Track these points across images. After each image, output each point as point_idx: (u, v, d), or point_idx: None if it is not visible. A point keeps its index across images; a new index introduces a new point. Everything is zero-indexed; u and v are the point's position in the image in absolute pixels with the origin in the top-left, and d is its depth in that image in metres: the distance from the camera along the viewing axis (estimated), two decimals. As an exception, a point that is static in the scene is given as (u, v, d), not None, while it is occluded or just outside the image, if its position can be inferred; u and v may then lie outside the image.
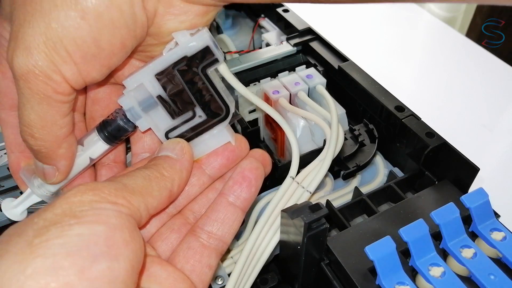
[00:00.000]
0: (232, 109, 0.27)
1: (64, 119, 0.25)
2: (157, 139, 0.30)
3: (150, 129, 0.27)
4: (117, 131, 0.27)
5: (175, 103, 0.26)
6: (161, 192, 0.24)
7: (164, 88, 0.26)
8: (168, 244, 0.27)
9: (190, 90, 0.26)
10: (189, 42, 0.25)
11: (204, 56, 0.25)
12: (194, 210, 0.29)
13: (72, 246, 0.19)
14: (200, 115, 0.27)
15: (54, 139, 0.25)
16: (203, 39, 0.25)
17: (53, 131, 0.24)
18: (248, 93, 0.30)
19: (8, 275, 0.18)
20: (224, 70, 0.27)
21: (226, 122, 0.27)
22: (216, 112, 0.27)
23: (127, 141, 0.32)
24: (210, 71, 0.26)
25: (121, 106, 0.27)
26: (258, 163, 0.28)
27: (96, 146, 0.27)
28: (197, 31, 0.25)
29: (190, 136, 0.27)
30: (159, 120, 0.27)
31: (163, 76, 0.26)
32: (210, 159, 0.28)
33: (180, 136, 0.27)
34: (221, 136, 0.28)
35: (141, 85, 0.26)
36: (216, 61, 0.25)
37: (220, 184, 0.29)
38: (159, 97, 0.26)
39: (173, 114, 0.27)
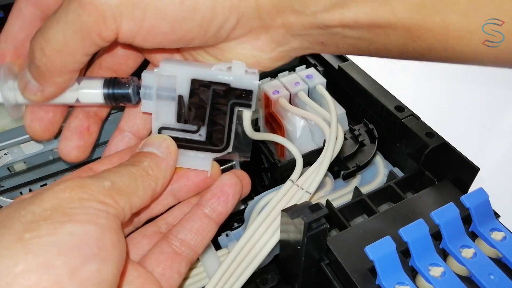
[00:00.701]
0: (230, 149, 0.28)
1: (83, 58, 0.24)
2: (148, 127, 0.30)
3: (149, 114, 0.27)
4: (121, 96, 0.27)
5: (189, 111, 0.27)
6: (146, 192, 0.24)
7: (191, 93, 0.26)
8: (139, 249, 0.27)
9: (210, 111, 0.27)
10: (241, 77, 0.26)
11: (242, 96, 0.26)
12: (167, 221, 0.29)
13: (64, 245, 0.18)
14: (201, 134, 0.27)
15: (61, 67, 0.24)
16: (253, 84, 0.26)
17: (65, 60, 0.23)
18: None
19: None
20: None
21: (216, 155, 0.28)
22: (216, 142, 0.28)
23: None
24: (236, 110, 0.27)
25: (140, 79, 0.27)
26: (237, 179, 0.29)
27: (92, 93, 0.27)
28: (252, 72, 0.26)
29: (179, 144, 0.28)
30: (164, 113, 0.27)
31: (197, 85, 0.26)
32: (179, 181, 0.29)
33: (172, 137, 0.28)
34: (203, 162, 0.28)
35: (173, 77, 0.26)
36: (248, 106, 0.27)
37: (196, 199, 0.29)
38: (180, 97, 0.26)
39: (180, 118, 0.27)
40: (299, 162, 0.32)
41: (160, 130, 0.27)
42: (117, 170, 0.24)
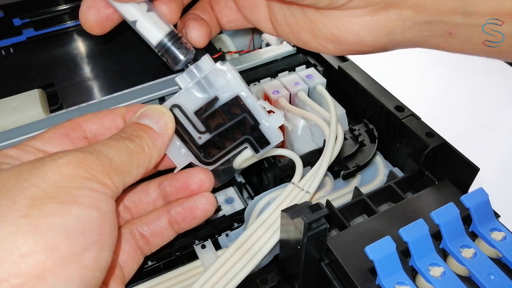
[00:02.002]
0: (210, 168, 0.29)
1: None
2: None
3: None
4: (172, 55, 0.27)
5: (211, 114, 0.27)
6: (139, 170, 0.24)
7: (225, 104, 0.27)
8: None
9: (225, 128, 0.27)
10: (273, 130, 0.27)
11: (259, 141, 0.28)
12: (132, 212, 0.29)
13: (71, 229, 0.18)
14: (201, 137, 0.28)
15: None
16: (276, 141, 0.28)
17: None
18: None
19: (2, 247, 0.17)
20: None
21: (196, 162, 0.29)
22: (206, 153, 0.28)
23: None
24: (245, 145, 0.28)
25: (198, 60, 0.27)
26: (212, 206, 0.29)
27: (150, 31, 0.26)
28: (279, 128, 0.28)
29: (179, 130, 0.28)
30: (189, 97, 0.27)
31: (236, 102, 0.26)
32: (169, 180, 0.29)
33: (177, 119, 0.27)
34: (181, 158, 0.29)
35: (228, 83, 0.26)
36: (256, 150, 0.28)
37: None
38: (215, 99, 0.26)
39: (199, 112, 0.27)
40: (299, 165, 0.32)
41: (173, 107, 0.27)
42: (115, 145, 0.23)
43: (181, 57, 0.26)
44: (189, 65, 0.27)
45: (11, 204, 0.18)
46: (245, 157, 0.29)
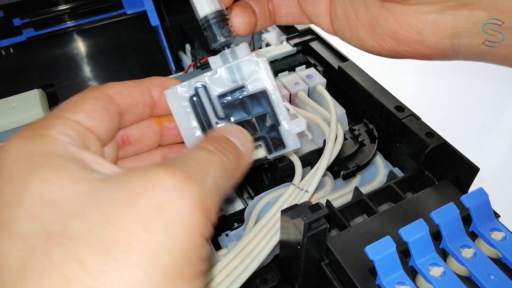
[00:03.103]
0: None
1: None
2: None
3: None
4: (211, 32, 0.26)
5: (235, 102, 0.27)
6: (222, 197, 0.22)
7: (252, 95, 0.26)
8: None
9: (245, 121, 0.27)
10: (291, 135, 0.27)
11: (275, 143, 0.27)
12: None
13: (168, 263, 0.16)
14: (217, 123, 0.27)
15: None
16: (292, 147, 0.27)
17: None
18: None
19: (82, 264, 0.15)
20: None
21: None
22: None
23: None
24: (258, 144, 0.27)
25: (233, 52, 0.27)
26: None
27: (202, 2, 0.26)
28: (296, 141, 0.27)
29: (198, 111, 0.27)
30: (218, 80, 0.26)
31: (266, 96, 0.26)
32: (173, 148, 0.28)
33: (199, 99, 0.27)
34: (189, 135, 0.28)
35: (258, 76, 0.26)
36: (269, 151, 0.28)
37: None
38: (243, 87, 0.26)
39: (223, 97, 0.26)
40: (298, 166, 0.32)
41: (198, 86, 0.26)
42: (214, 161, 0.20)
43: (220, 38, 0.26)
44: (225, 48, 0.27)
45: (128, 211, 0.16)
46: (256, 156, 0.28)
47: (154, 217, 0.16)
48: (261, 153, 0.28)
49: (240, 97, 0.26)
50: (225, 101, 0.26)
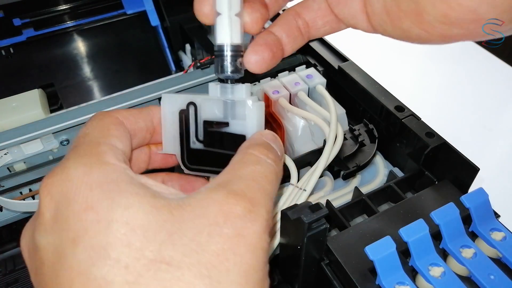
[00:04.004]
0: (186, 172, 0.29)
1: None
2: None
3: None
4: (220, 63, 0.26)
5: (216, 131, 0.27)
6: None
7: (229, 134, 0.27)
8: None
9: (217, 152, 0.27)
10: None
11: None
12: None
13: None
14: (195, 143, 0.28)
15: None
16: None
17: None
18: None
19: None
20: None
21: (180, 162, 0.29)
22: (192, 160, 0.28)
23: None
24: None
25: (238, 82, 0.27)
26: None
27: (223, 32, 0.26)
28: None
29: (183, 125, 0.28)
30: (210, 108, 0.27)
31: (237, 139, 0.27)
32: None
33: (187, 115, 0.27)
34: (173, 148, 0.29)
35: (245, 122, 0.26)
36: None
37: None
38: (227, 124, 0.27)
39: (209, 125, 0.27)
40: (292, 167, 0.32)
41: (191, 103, 0.27)
42: (267, 175, 0.22)
43: (228, 71, 0.26)
44: (229, 81, 0.27)
45: (201, 251, 0.18)
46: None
47: (238, 243, 0.19)
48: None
49: (222, 131, 0.27)
50: (207, 128, 0.27)
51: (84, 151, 0.21)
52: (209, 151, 0.28)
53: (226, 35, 0.26)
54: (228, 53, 0.26)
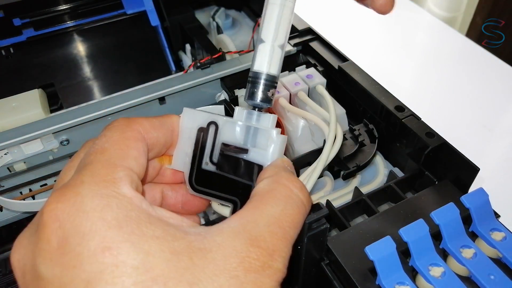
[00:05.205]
0: (191, 192, 0.27)
1: None
2: None
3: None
4: (252, 91, 0.26)
5: (233, 156, 0.26)
6: None
7: (246, 162, 0.26)
8: None
9: (229, 178, 0.26)
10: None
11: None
12: None
13: None
14: (207, 163, 0.27)
15: None
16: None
17: None
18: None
19: None
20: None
21: (187, 180, 0.27)
22: (201, 181, 0.27)
23: None
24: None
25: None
26: None
27: (260, 60, 0.26)
28: None
29: (198, 143, 0.27)
30: (231, 131, 0.26)
31: (254, 167, 0.26)
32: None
33: (205, 133, 0.27)
34: (183, 165, 0.28)
35: (266, 151, 0.26)
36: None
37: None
38: (246, 151, 0.26)
39: (227, 149, 0.26)
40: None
41: (212, 123, 0.27)
42: (293, 217, 0.22)
43: (258, 99, 0.26)
44: (256, 109, 0.26)
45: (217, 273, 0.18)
46: (219, 212, 0.28)
47: None
48: (225, 211, 0.28)
49: (239, 157, 0.26)
50: (224, 152, 0.26)
51: (100, 175, 0.20)
52: (220, 175, 0.26)
53: (264, 63, 0.26)
54: (262, 81, 0.26)
